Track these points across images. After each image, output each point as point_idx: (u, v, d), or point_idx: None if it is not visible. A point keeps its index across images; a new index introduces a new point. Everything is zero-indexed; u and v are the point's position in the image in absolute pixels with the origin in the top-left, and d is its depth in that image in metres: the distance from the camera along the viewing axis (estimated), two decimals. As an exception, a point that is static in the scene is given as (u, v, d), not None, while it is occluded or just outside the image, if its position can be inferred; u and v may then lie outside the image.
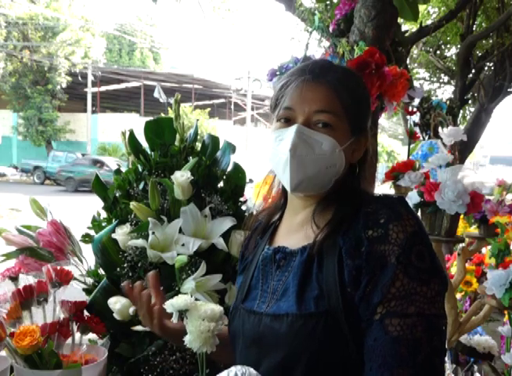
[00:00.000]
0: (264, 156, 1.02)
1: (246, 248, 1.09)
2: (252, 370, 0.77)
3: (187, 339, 0.93)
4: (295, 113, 0.90)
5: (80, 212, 5.48)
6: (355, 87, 0.95)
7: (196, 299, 1.13)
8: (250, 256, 1.04)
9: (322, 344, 0.81)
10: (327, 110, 0.89)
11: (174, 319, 0.95)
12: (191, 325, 0.92)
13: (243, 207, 1.50)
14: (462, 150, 4.88)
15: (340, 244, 0.85)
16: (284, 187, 1.02)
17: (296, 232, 0.96)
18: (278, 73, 1.96)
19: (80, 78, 23.60)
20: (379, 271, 0.79)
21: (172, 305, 0.95)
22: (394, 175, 2.00)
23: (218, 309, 0.96)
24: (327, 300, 0.82)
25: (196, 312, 0.94)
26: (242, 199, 1.51)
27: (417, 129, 2.65)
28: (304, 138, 0.88)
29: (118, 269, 1.32)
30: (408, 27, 5.65)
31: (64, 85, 23.61)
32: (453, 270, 2.46)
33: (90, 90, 24.39)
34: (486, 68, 6.13)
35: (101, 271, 1.41)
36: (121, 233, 1.33)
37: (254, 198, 1.45)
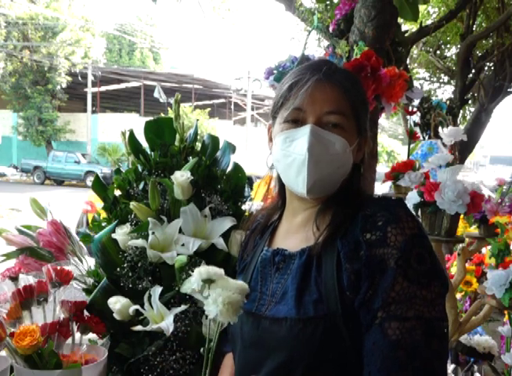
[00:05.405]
0: (264, 157, 1.01)
1: (245, 248, 1.08)
2: None
3: (209, 309, 0.89)
4: (305, 114, 0.89)
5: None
6: (359, 88, 0.95)
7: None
8: (249, 256, 1.04)
9: (321, 347, 0.80)
10: (338, 110, 0.89)
11: (195, 286, 0.90)
12: (216, 295, 0.89)
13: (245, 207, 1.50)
14: (462, 150, 4.88)
15: (339, 248, 0.84)
16: (283, 188, 1.01)
17: (295, 233, 0.95)
18: (275, 71, 1.95)
19: (80, 78, 23.56)
20: (379, 276, 0.79)
21: (200, 273, 0.91)
22: (394, 175, 2.00)
23: (245, 284, 0.93)
24: (326, 304, 0.82)
25: (223, 283, 0.91)
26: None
27: (417, 129, 2.65)
28: (318, 138, 0.87)
29: (118, 269, 1.32)
30: (408, 27, 5.65)
31: (64, 85, 23.57)
32: (453, 270, 2.46)
33: (90, 90, 24.37)
34: (486, 68, 6.12)
35: (101, 271, 1.41)
36: (121, 233, 1.33)
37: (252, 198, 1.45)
